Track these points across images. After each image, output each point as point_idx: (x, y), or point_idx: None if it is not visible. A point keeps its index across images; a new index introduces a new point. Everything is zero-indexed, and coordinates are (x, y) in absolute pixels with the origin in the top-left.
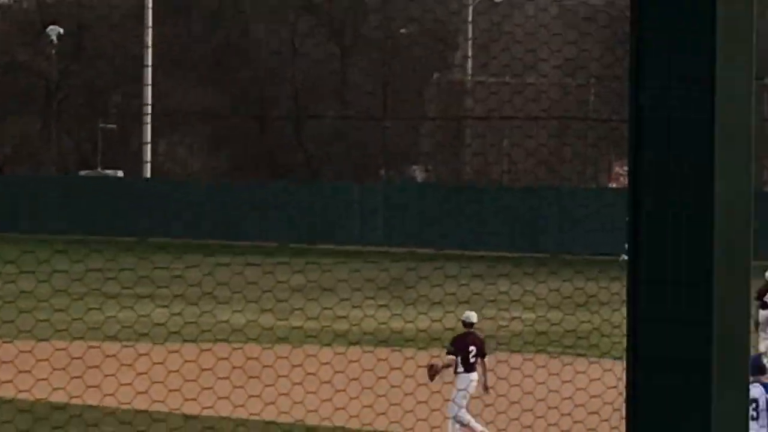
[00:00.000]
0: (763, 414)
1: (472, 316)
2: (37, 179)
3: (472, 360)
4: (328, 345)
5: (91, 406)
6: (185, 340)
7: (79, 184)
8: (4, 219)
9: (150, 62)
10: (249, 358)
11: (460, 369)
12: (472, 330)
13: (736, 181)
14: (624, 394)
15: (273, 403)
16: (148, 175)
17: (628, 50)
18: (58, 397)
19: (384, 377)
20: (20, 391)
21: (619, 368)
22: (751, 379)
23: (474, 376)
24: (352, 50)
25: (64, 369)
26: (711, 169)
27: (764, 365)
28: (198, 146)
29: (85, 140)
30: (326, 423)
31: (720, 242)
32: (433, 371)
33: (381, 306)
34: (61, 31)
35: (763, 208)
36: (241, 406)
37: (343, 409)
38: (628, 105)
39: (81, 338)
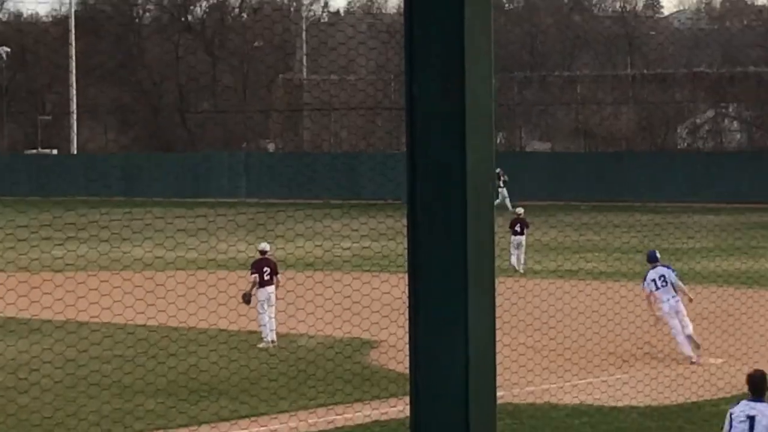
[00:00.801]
0: (669, 284)
1: (266, 246)
2: None
3: (267, 277)
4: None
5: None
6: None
7: (25, 159)
8: None
9: (74, 70)
10: (158, 285)
11: (258, 285)
12: (265, 256)
13: (482, 148)
14: (407, 301)
15: (174, 315)
16: (75, 150)
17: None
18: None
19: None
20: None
21: (403, 283)
22: (651, 265)
23: (270, 288)
24: (219, 58)
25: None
26: (463, 139)
27: (657, 256)
28: (110, 129)
29: (28, 129)
30: (213, 327)
31: (471, 188)
32: (246, 297)
33: (240, 240)
34: (8, 50)
35: (521, 164)
36: (153, 318)
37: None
38: (404, 95)
39: (29, 272)
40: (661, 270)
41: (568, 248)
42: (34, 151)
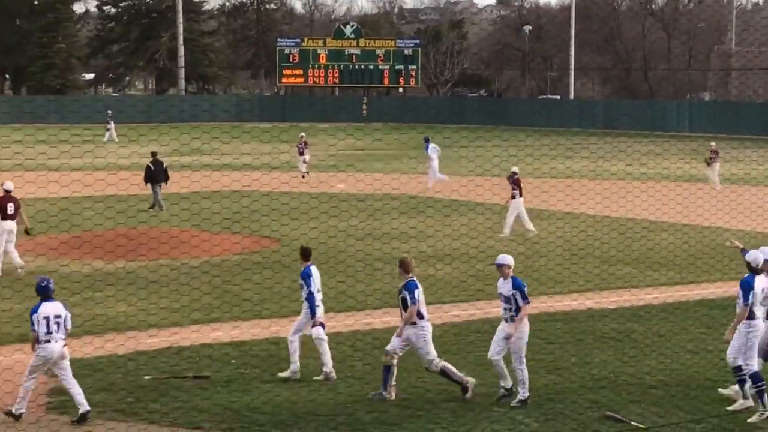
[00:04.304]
0: None
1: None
2: (518, 100)
3: None
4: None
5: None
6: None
7: (539, 102)
8: (509, 118)
9: (573, 42)
10: (612, 193)
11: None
12: None
13: None
14: None
15: (629, 210)
16: (572, 97)
17: None
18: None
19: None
20: None
21: None
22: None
23: None
24: (673, 34)
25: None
26: None
27: None
28: (596, 83)
29: (540, 81)
30: (660, 219)
31: None
32: None
33: (684, 162)
34: (530, 27)
35: None
36: (623, 206)
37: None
38: None
39: (539, 179)
40: None
41: None
42: (544, 96)
